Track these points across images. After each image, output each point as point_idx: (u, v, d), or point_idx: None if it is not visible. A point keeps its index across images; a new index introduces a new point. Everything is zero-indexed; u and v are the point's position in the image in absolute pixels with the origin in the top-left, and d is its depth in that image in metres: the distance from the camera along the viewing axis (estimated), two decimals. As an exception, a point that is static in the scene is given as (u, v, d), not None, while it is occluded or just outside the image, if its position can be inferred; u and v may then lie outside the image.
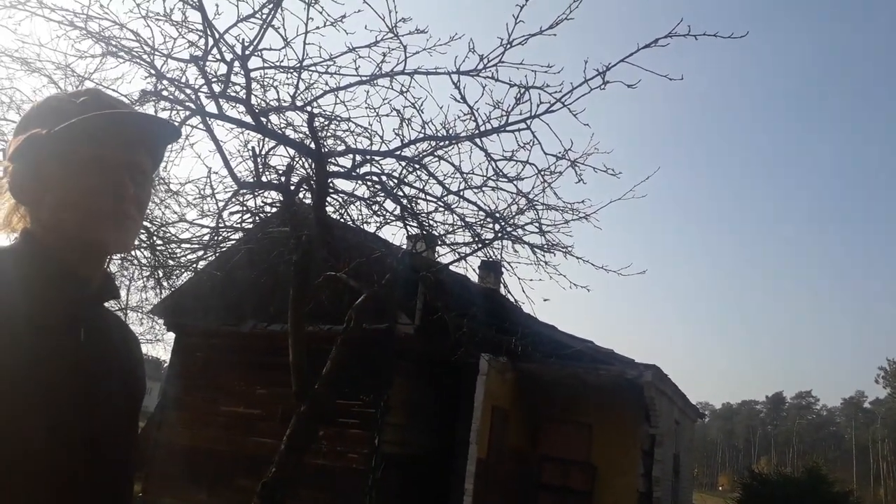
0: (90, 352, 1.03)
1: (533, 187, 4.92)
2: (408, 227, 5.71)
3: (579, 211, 5.10)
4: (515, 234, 5.30)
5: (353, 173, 5.17)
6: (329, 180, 5.14)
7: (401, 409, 9.57)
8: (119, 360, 1.12)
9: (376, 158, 5.03)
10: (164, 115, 4.86)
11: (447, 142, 4.68)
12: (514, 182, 4.83)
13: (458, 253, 5.87)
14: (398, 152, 4.82)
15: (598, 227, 5.22)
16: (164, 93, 4.62)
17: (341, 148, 5.10)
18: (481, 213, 5.26)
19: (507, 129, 4.33)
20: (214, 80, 4.31)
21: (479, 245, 5.52)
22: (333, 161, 5.09)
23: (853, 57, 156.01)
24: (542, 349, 9.90)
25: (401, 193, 5.33)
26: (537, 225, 5.20)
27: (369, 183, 5.36)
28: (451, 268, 6.78)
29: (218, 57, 4.17)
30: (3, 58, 5.27)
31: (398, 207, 5.45)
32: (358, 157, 5.06)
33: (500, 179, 4.85)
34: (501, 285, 8.85)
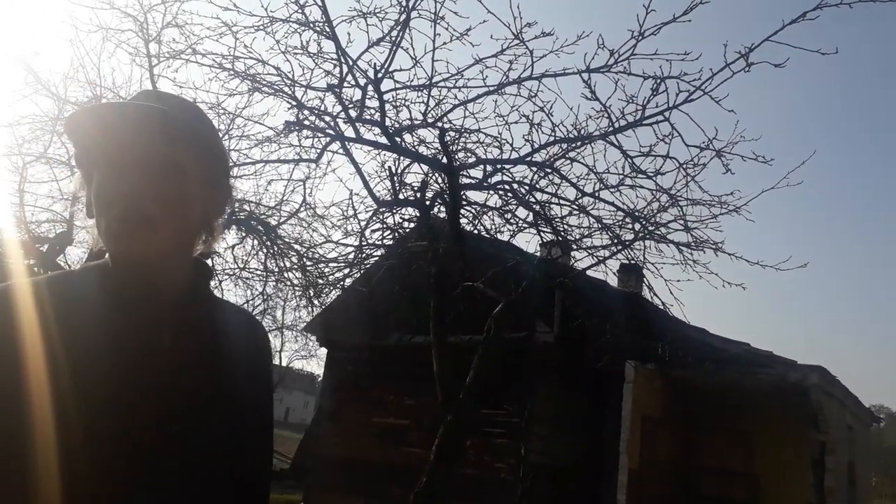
0: (179, 357, 1.01)
1: (675, 182, 4.69)
2: (541, 233, 5.66)
3: (728, 204, 4.80)
4: (658, 232, 5.07)
5: (485, 184, 5.20)
6: (462, 193, 5.21)
7: (545, 418, 9.44)
8: (220, 355, 1.08)
9: (507, 167, 5.04)
10: (306, 142, 5.16)
11: (579, 143, 4.59)
12: (654, 178, 4.64)
13: (596, 257, 5.72)
14: (528, 158, 4.80)
15: (750, 220, 4.89)
16: (306, 122, 4.90)
17: (472, 160, 5.16)
18: (619, 213, 5.10)
19: (644, 123, 4.17)
20: (351, 105, 4.52)
21: (619, 247, 5.34)
22: (465, 173, 5.16)
23: None
24: (693, 354, 9.39)
25: (532, 200, 5.29)
26: (682, 222, 4.94)
27: (501, 192, 5.37)
28: (590, 273, 6.62)
29: (352, 83, 4.37)
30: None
31: (530, 214, 5.41)
32: (488, 168, 5.09)
33: (639, 176, 4.68)
34: (644, 288, 8.53)
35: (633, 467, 8.78)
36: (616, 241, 5.36)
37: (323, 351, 11.90)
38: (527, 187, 5.25)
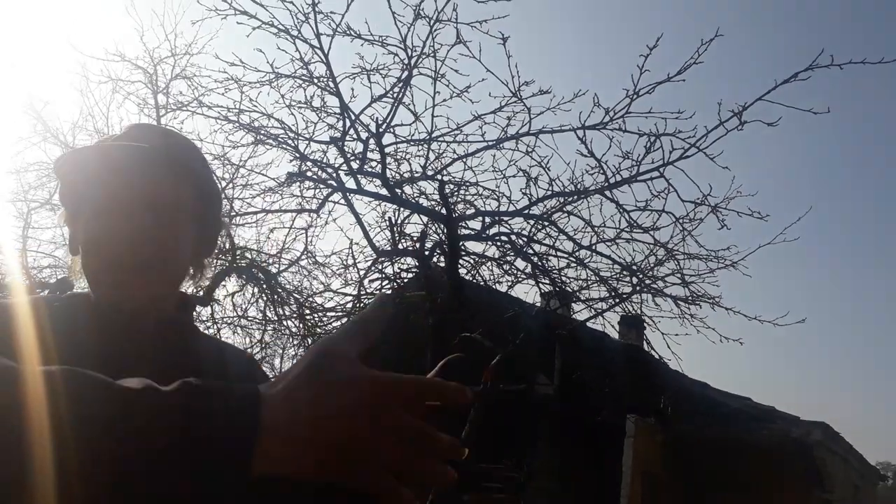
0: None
1: (671, 237, 4.74)
2: (540, 284, 5.68)
3: (725, 258, 4.84)
4: (655, 286, 5.10)
5: (483, 235, 5.26)
6: (460, 243, 5.26)
7: (545, 472, 9.28)
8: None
9: (505, 219, 5.10)
10: (308, 193, 5.25)
11: (576, 197, 4.67)
12: (650, 232, 4.70)
13: (594, 309, 5.73)
14: (526, 211, 4.87)
15: (747, 275, 4.92)
16: (309, 173, 5.00)
17: (471, 211, 5.24)
18: (616, 266, 5.13)
19: (639, 178, 4.26)
20: (352, 157, 4.61)
21: (616, 300, 5.36)
22: (464, 224, 5.22)
23: None
24: (694, 408, 9.30)
25: (531, 251, 5.34)
26: (679, 276, 4.98)
27: (499, 243, 5.42)
28: (590, 325, 6.62)
29: (355, 136, 4.49)
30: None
31: (529, 265, 5.45)
32: (487, 219, 5.15)
33: (635, 230, 4.74)
34: (644, 342, 8.51)
35: (634, 525, 8.59)
36: (613, 294, 5.38)
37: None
38: (525, 239, 5.30)
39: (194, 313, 1.18)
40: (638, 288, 5.19)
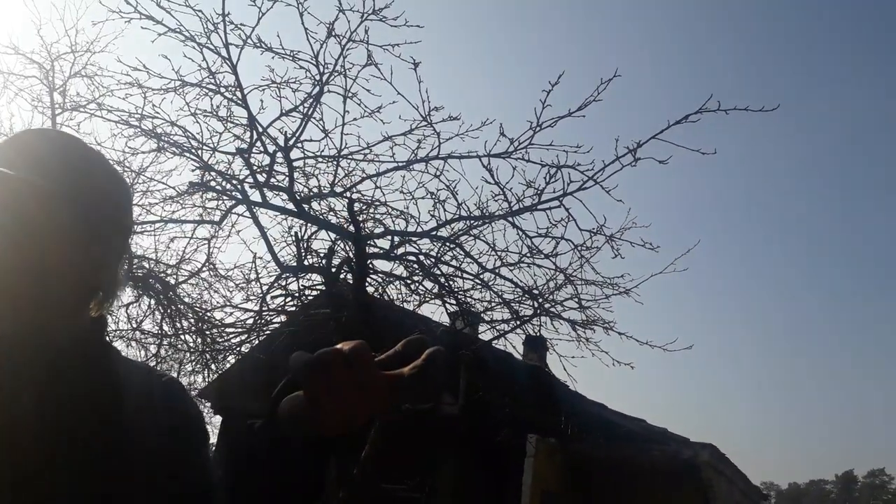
0: (46, 420, 0.93)
1: (570, 263, 4.92)
2: (446, 304, 5.74)
3: (619, 286, 5.06)
4: (554, 310, 5.26)
5: (392, 254, 5.27)
6: (368, 262, 5.25)
7: (448, 493, 9.30)
8: (105, 415, 0.98)
9: (413, 239, 5.14)
10: (211, 204, 5.11)
11: (481, 221, 4.77)
12: (551, 258, 4.86)
13: (498, 330, 5.84)
14: (434, 232, 4.93)
15: (639, 302, 5.16)
16: (212, 183, 4.87)
17: (380, 230, 5.24)
18: (518, 289, 5.27)
19: (540, 207, 4.41)
20: (259, 170, 4.54)
21: (518, 322, 5.49)
22: (372, 243, 5.22)
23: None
24: (592, 429, 9.60)
25: (438, 272, 5.39)
26: (576, 300, 5.16)
27: (407, 263, 5.45)
28: (495, 346, 6.73)
29: (262, 149, 4.42)
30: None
31: (436, 286, 5.50)
32: (396, 239, 5.17)
33: (536, 256, 4.88)
34: (548, 362, 8.71)
35: (532, 544, 8.74)
36: (515, 316, 5.52)
37: (218, 419, 11.37)
38: (432, 260, 5.35)
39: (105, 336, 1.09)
40: (538, 311, 5.35)
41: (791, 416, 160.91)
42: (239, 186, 4.64)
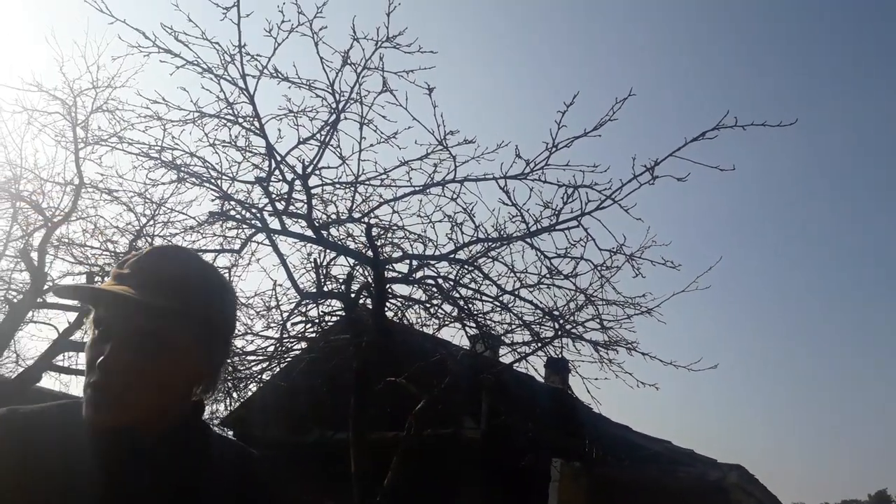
0: (153, 500, 1.07)
1: (590, 283, 4.89)
2: (466, 328, 5.72)
3: (641, 305, 5.01)
4: (575, 331, 5.22)
5: (410, 278, 5.28)
6: (387, 286, 5.26)
7: (471, 518, 9.17)
8: (199, 496, 1.13)
9: (431, 262, 5.14)
10: (231, 232, 5.15)
11: (499, 243, 4.76)
12: (571, 279, 4.83)
13: (519, 353, 5.80)
14: (452, 255, 4.93)
15: (661, 322, 5.10)
16: (232, 212, 4.92)
17: (398, 254, 5.25)
18: (539, 311, 5.23)
19: (558, 227, 4.39)
20: (277, 198, 4.58)
21: (539, 344, 5.45)
22: (391, 267, 5.23)
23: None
24: (617, 452, 9.44)
25: (457, 295, 5.38)
26: (598, 321, 5.11)
27: (426, 286, 5.45)
28: (516, 369, 6.68)
29: (280, 177, 4.46)
30: (89, 189, 5.76)
31: (455, 309, 5.49)
32: (414, 262, 5.18)
33: (556, 277, 4.86)
34: (568, 385, 8.61)
35: (558, 570, 8.57)
36: (536, 338, 5.48)
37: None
38: (451, 283, 5.35)
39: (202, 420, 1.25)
40: (559, 332, 5.30)
41: (821, 434, 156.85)
42: (258, 215, 4.68)
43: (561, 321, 5.15)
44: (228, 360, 1.25)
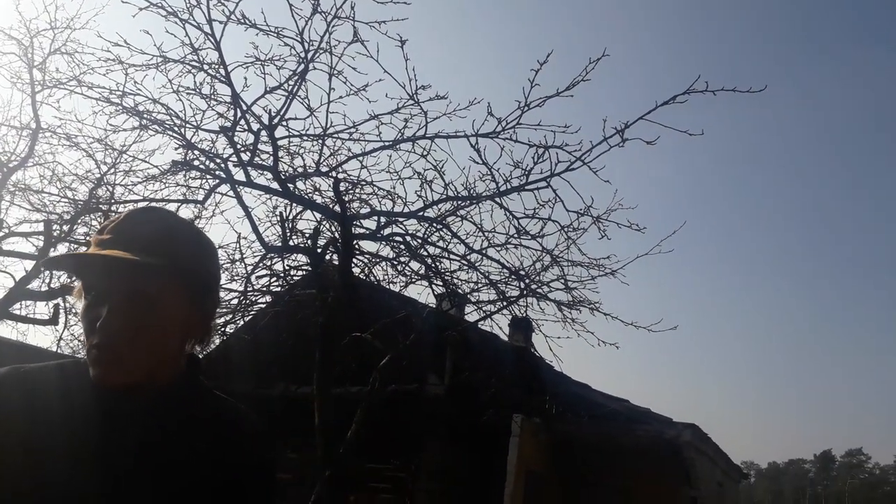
0: (149, 454, 1.12)
1: (557, 244, 4.92)
2: (433, 286, 5.74)
3: (605, 267, 5.07)
4: (540, 291, 5.27)
5: (378, 234, 5.24)
6: (354, 242, 5.22)
7: (433, 472, 9.36)
8: (196, 450, 1.18)
9: (400, 219, 5.11)
10: (194, 183, 5.04)
11: (469, 202, 4.75)
12: (538, 239, 4.85)
13: (484, 311, 5.85)
14: (421, 213, 4.90)
15: (625, 283, 5.18)
16: (196, 162, 4.80)
17: (366, 210, 5.21)
18: (505, 270, 5.26)
19: (528, 187, 4.38)
20: (243, 149, 4.47)
21: (504, 303, 5.50)
22: (358, 223, 5.19)
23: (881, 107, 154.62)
24: (576, 409, 9.68)
25: (425, 253, 5.37)
26: (563, 282, 5.17)
27: (394, 243, 5.43)
28: (482, 327, 6.74)
29: (246, 127, 4.35)
30: (46, 133, 5.56)
31: (422, 267, 5.49)
32: (382, 219, 5.14)
33: (523, 237, 4.88)
34: (531, 344, 8.74)
35: (516, 522, 8.83)
36: (502, 297, 5.52)
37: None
38: (419, 241, 5.33)
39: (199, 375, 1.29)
40: (525, 292, 5.35)
41: (772, 398, 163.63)
42: (223, 165, 4.58)
43: (527, 281, 5.19)
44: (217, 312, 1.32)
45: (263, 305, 6.37)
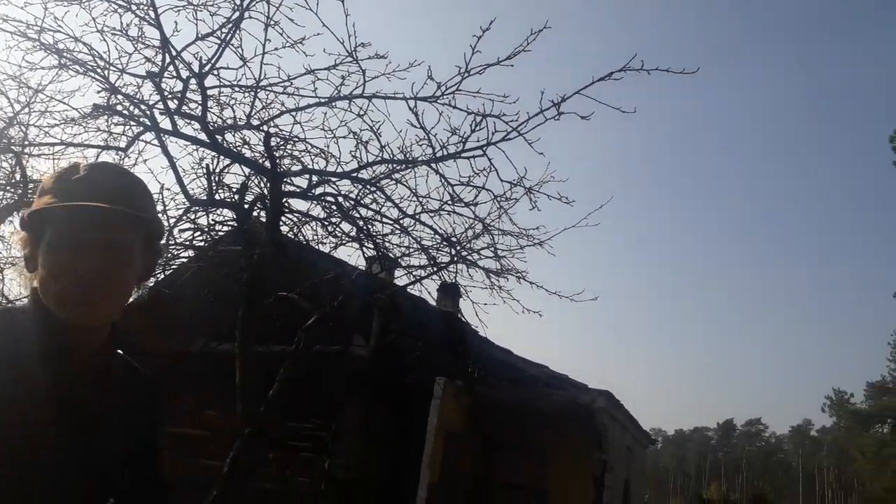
0: (82, 405, 1.23)
1: (489, 213, 4.97)
2: (364, 248, 5.71)
3: (534, 237, 5.17)
4: (470, 258, 5.33)
5: (309, 193, 5.15)
6: (284, 200, 5.11)
7: (354, 433, 9.43)
8: (113, 406, 1.30)
9: (333, 179, 5.03)
10: (116, 129, 4.79)
11: (404, 165, 4.71)
12: (471, 207, 4.89)
13: (414, 276, 5.88)
14: (355, 174, 4.84)
15: (551, 254, 5.30)
16: (119, 107, 4.56)
17: (297, 168, 5.09)
18: (437, 236, 5.29)
19: (464, 155, 4.39)
20: (170, 96, 4.27)
21: (435, 268, 5.54)
22: (289, 181, 5.07)
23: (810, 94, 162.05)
24: (498, 374, 9.92)
25: (357, 215, 5.33)
26: (493, 250, 5.25)
27: (325, 203, 5.35)
28: (410, 291, 6.78)
29: (174, 74, 4.14)
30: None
31: (354, 229, 5.44)
32: (314, 178, 5.05)
33: (457, 204, 4.90)
34: (458, 310, 8.86)
35: (434, 482, 9.04)
36: (433, 262, 5.56)
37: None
38: (351, 202, 5.27)
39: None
40: (455, 258, 5.41)
41: (682, 369, 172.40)
42: (148, 112, 4.36)
43: (458, 248, 5.24)
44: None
45: (185, 260, 6.19)
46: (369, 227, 5.47)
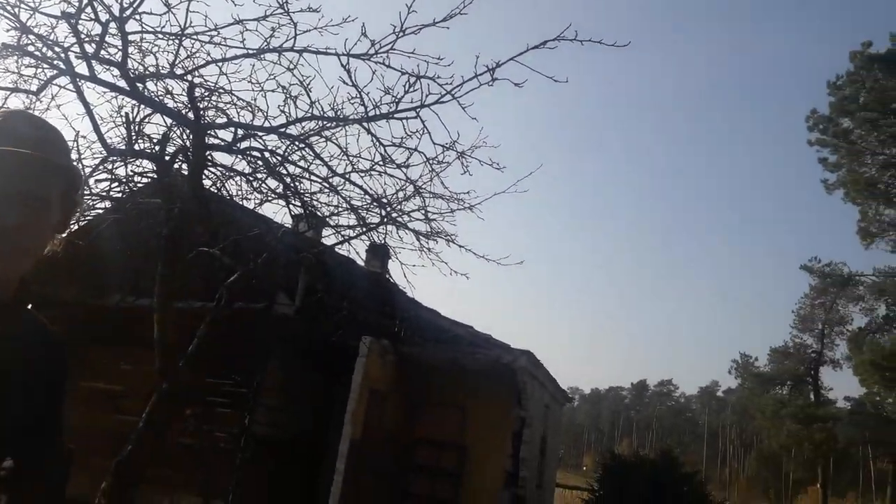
0: None
1: (421, 175, 4.97)
2: (291, 206, 5.61)
3: (464, 201, 5.22)
4: (401, 220, 5.34)
5: (234, 147, 5.00)
6: (207, 153, 4.95)
7: (276, 390, 9.40)
8: (17, 364, 1.25)
9: (259, 134, 4.89)
10: (28, 72, 4.49)
11: (335, 123, 4.63)
12: (403, 169, 4.87)
13: (343, 236, 5.84)
14: (283, 129, 4.72)
15: (481, 218, 5.37)
16: (31, 48, 4.26)
17: (222, 120, 4.92)
18: (367, 197, 5.26)
19: (397, 115, 4.34)
20: (87, 39, 4.03)
21: (364, 229, 5.52)
22: (213, 133, 4.91)
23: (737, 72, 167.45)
24: (424, 333, 10.06)
25: (284, 171, 5.22)
26: (423, 212, 5.27)
27: (251, 158, 5.21)
28: (339, 251, 6.73)
29: (92, 16, 3.91)
30: None
31: (280, 186, 5.33)
32: (240, 131, 4.90)
33: (388, 165, 4.87)
34: (388, 270, 8.87)
35: (356, 437, 9.16)
36: (362, 223, 5.53)
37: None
38: (279, 158, 5.15)
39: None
40: (385, 220, 5.40)
41: (599, 330, 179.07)
42: (63, 55, 4.10)
43: (388, 209, 5.23)
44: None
45: (101, 211, 5.92)
46: (297, 184, 5.37)
